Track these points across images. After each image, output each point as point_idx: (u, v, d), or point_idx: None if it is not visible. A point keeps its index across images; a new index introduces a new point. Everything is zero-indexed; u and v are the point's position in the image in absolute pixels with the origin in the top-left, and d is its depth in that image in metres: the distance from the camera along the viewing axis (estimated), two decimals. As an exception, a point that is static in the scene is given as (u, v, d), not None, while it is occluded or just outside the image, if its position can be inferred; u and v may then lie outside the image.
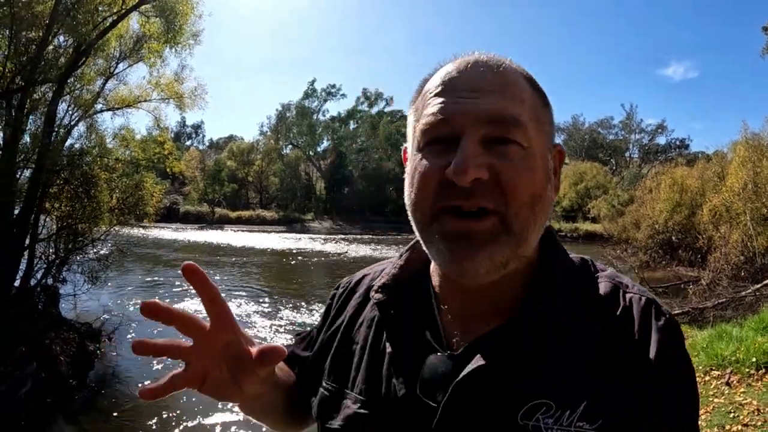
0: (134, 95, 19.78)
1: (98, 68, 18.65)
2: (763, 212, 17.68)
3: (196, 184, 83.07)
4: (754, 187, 18.16)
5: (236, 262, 34.04)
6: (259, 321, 17.66)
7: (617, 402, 0.95)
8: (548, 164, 1.06)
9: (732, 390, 7.84)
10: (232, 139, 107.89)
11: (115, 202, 16.14)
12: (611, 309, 1.07)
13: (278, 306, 19.88)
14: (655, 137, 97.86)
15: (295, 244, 49.76)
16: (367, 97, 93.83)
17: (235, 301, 20.48)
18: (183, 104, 20.61)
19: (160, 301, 1.02)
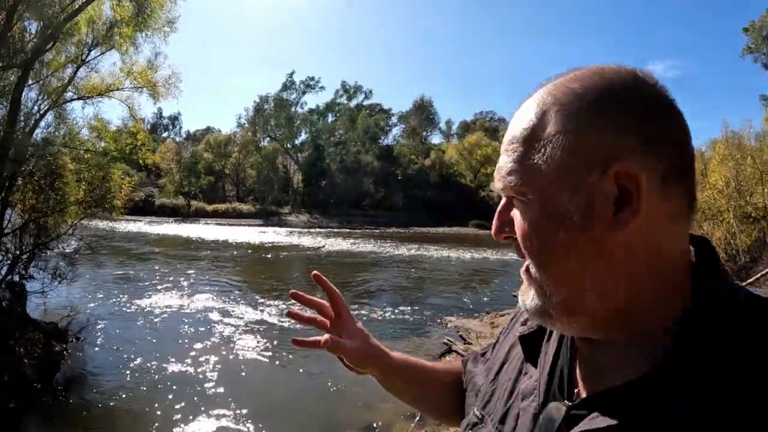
0: (106, 83, 19.06)
1: (69, 55, 17.95)
2: (747, 210, 17.54)
3: (172, 177, 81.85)
4: (737, 185, 18.04)
5: (211, 256, 33.38)
6: (231, 316, 17.02)
7: None
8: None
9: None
10: (210, 131, 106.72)
11: (82, 195, 15.37)
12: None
13: (251, 301, 19.27)
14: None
15: (271, 237, 49.21)
16: (346, 90, 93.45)
17: (208, 296, 19.95)
18: (157, 93, 19.93)
19: (303, 293, 1.56)
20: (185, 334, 14.66)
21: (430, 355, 12.97)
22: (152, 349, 13.16)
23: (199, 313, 17.02)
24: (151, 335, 14.48)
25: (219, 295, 20.17)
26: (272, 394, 10.55)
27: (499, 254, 38.12)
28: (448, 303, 20.07)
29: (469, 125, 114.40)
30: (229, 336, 14.54)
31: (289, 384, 11.22)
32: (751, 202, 17.62)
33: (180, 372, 11.53)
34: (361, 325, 1.49)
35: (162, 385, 10.78)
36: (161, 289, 20.87)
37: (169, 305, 18.05)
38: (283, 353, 13.09)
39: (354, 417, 9.59)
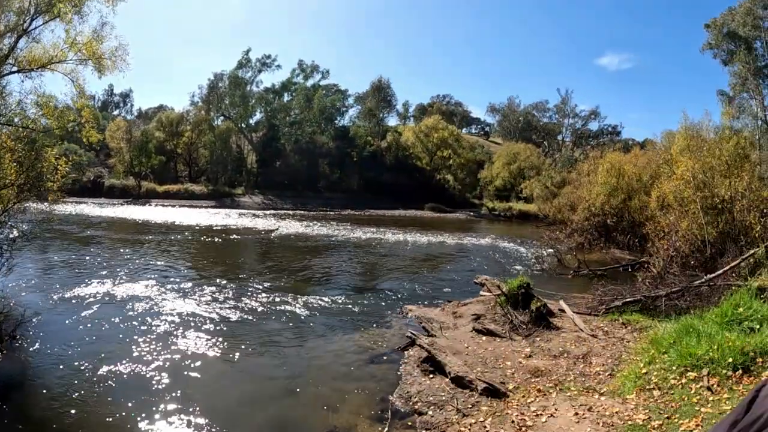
0: (49, 55, 18.03)
1: (9, 24, 16.88)
2: (714, 201, 17.59)
3: (122, 156, 79.65)
4: (703, 177, 18.07)
5: (160, 240, 32.31)
6: (180, 307, 16.13)
7: None
8: None
9: (715, 396, 7.22)
10: (163, 109, 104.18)
11: (14, 177, 14.20)
12: None
13: (201, 290, 18.38)
14: (587, 122, 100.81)
15: (223, 220, 48.29)
16: (302, 69, 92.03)
17: (155, 285, 18.96)
18: (102, 66, 18.94)
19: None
20: (131, 328, 13.76)
21: (392, 348, 12.54)
22: (96, 347, 12.23)
23: (145, 305, 16.12)
24: (95, 331, 13.52)
25: (167, 284, 19.20)
26: (225, 395, 9.89)
27: (456, 238, 38.07)
28: (407, 290, 19.61)
29: (426, 108, 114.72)
30: (179, 330, 13.72)
31: (244, 384, 10.57)
32: (716, 193, 17.65)
33: (126, 372, 10.73)
34: None
35: (107, 389, 9.94)
36: (105, 277, 19.85)
37: (114, 296, 17.10)
38: (236, 348, 12.45)
39: (313, 420, 9.05)
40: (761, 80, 50.66)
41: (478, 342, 11.96)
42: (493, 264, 26.85)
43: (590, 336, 11.75)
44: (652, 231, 19.89)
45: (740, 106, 50.55)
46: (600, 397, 7.81)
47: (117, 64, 19.16)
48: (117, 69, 19.22)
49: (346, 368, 11.36)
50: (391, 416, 8.92)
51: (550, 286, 17.90)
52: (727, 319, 9.66)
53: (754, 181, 18.36)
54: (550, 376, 9.64)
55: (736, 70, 51.65)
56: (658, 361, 8.62)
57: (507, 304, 13.33)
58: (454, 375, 9.75)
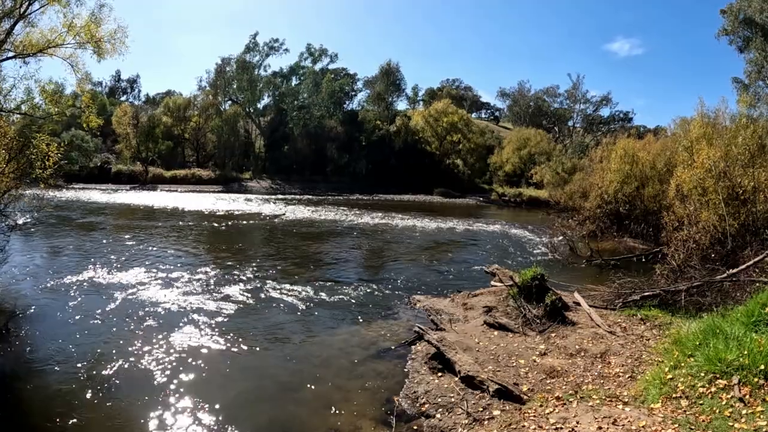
0: (47, 39, 17.64)
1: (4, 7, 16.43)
2: (736, 192, 16.97)
3: (129, 142, 79.38)
4: (724, 165, 17.45)
5: (166, 225, 32.04)
6: (181, 297, 15.79)
7: None
8: None
9: (749, 408, 6.63)
10: (171, 94, 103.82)
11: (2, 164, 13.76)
12: None
13: (204, 280, 18.03)
14: (599, 108, 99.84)
15: (230, 205, 47.92)
16: (311, 53, 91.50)
17: (157, 274, 18.62)
18: (101, 50, 18.56)
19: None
20: (128, 320, 13.41)
21: (398, 342, 12.06)
22: (92, 340, 11.87)
23: (144, 294, 15.76)
24: (92, 323, 13.13)
25: (168, 272, 18.85)
26: (225, 392, 9.45)
27: (465, 224, 37.57)
28: (415, 279, 19.16)
29: (435, 92, 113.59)
30: (178, 322, 13.34)
31: (244, 380, 10.15)
32: (738, 183, 17.03)
33: (123, 368, 10.34)
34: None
35: (104, 385, 9.56)
36: (105, 265, 19.53)
37: (113, 285, 16.72)
38: (237, 342, 12.08)
39: (315, 421, 8.59)
40: (778, 69, 49.74)
41: (489, 337, 11.44)
42: (504, 252, 26.35)
43: (608, 333, 11.18)
44: (669, 221, 19.25)
45: (756, 94, 49.67)
46: (624, 408, 7.23)
47: (117, 47, 18.81)
48: (117, 52, 18.89)
49: (351, 364, 10.94)
50: (396, 418, 8.52)
51: (562, 276, 17.41)
52: (753, 319, 9.10)
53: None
54: (567, 377, 9.12)
55: (752, 58, 50.69)
56: (684, 365, 8.04)
57: (520, 296, 12.79)
58: (465, 374, 9.26)
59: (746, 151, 17.60)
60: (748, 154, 17.56)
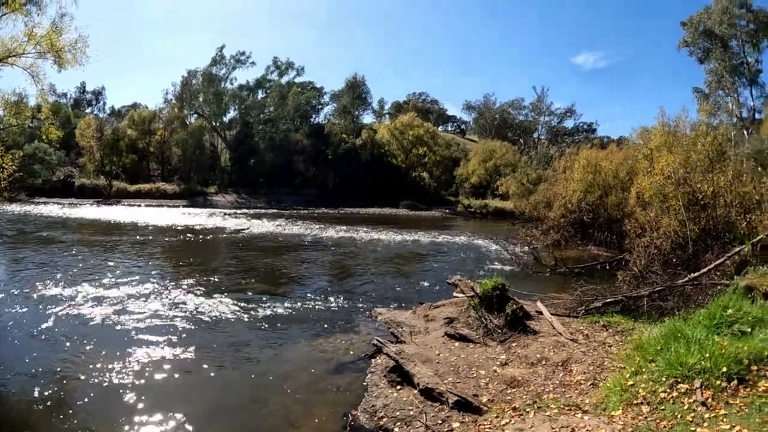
0: (6, 48, 17.19)
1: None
2: (696, 197, 17.11)
3: (92, 155, 77.86)
4: (684, 172, 17.63)
5: (128, 241, 31.31)
6: (141, 312, 15.27)
7: None
8: None
9: (711, 412, 6.46)
10: (136, 107, 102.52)
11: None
12: None
13: (163, 294, 17.53)
14: (563, 120, 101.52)
15: (194, 219, 47.21)
16: (277, 66, 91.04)
17: (126, 283, 18.36)
18: (62, 59, 18.13)
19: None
20: (91, 334, 12.95)
21: (358, 355, 11.77)
22: (48, 358, 11.34)
23: (106, 309, 15.25)
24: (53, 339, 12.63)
25: (129, 287, 18.30)
26: (184, 407, 9.08)
27: (431, 236, 37.49)
28: (377, 292, 18.92)
29: (401, 106, 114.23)
30: (139, 336, 12.94)
31: (203, 394, 9.87)
32: (698, 189, 17.19)
33: (83, 386, 9.90)
34: None
35: (63, 405, 9.16)
36: (65, 281, 18.89)
37: (73, 301, 16.15)
38: (197, 356, 11.73)
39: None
40: (737, 78, 51.13)
41: (450, 348, 11.17)
42: (469, 263, 26.20)
43: (570, 340, 11.00)
44: (631, 228, 19.36)
45: (716, 103, 50.98)
46: (583, 416, 6.99)
47: (78, 58, 18.39)
48: (78, 63, 18.47)
49: (311, 378, 10.65)
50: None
51: (526, 286, 17.30)
52: (715, 321, 9.02)
53: (737, 176, 17.93)
54: (528, 386, 8.88)
55: (712, 68, 52.19)
56: (645, 370, 7.87)
57: (481, 306, 12.55)
58: (423, 386, 8.99)
59: (706, 157, 17.80)
60: (707, 161, 17.76)
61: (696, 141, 18.70)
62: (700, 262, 14.79)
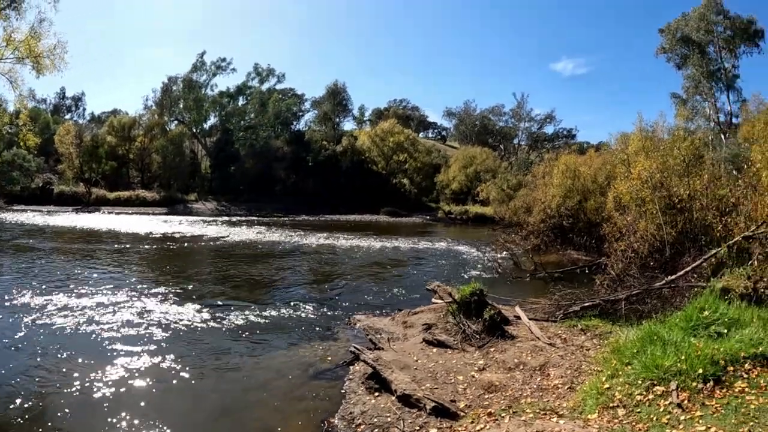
0: (-17, 54, 16.96)
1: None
2: (673, 201, 17.26)
3: (71, 162, 77.09)
4: (661, 176, 17.81)
5: (106, 249, 30.83)
6: (120, 316, 15.12)
7: None
8: None
9: (687, 414, 6.46)
10: (116, 113, 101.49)
11: None
12: None
13: (142, 300, 17.41)
14: (543, 126, 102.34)
15: (174, 227, 46.73)
16: (258, 73, 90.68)
17: (103, 292, 18.10)
18: (41, 65, 17.98)
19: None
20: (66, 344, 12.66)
21: (337, 363, 11.66)
22: (23, 368, 11.10)
23: (80, 320, 14.88)
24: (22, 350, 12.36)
25: (106, 296, 17.95)
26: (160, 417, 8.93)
27: (411, 243, 37.49)
28: (356, 299, 18.83)
29: (382, 112, 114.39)
30: (115, 346, 12.66)
31: (180, 403, 9.71)
32: (675, 192, 17.35)
33: (63, 395, 9.70)
34: None
35: (46, 414, 9.02)
36: (42, 289, 18.52)
37: (49, 309, 15.78)
38: (174, 365, 11.50)
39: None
40: (714, 83, 51.89)
41: (428, 354, 11.10)
42: (448, 269, 26.18)
43: (548, 344, 10.99)
44: (609, 232, 19.48)
45: (693, 109, 51.67)
46: (559, 420, 6.96)
47: (56, 63, 18.22)
48: (56, 68, 18.32)
49: (288, 386, 10.52)
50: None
51: (506, 291, 17.35)
52: (692, 323, 9.08)
53: (713, 179, 18.11)
54: (505, 391, 8.84)
55: (689, 74, 52.91)
56: (622, 373, 7.87)
57: (459, 312, 12.52)
58: (401, 393, 8.90)
59: (682, 161, 17.96)
60: (683, 165, 17.91)
61: (673, 146, 18.88)
62: (678, 264, 14.88)
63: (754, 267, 12.58)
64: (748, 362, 7.58)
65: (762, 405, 6.48)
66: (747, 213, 15.45)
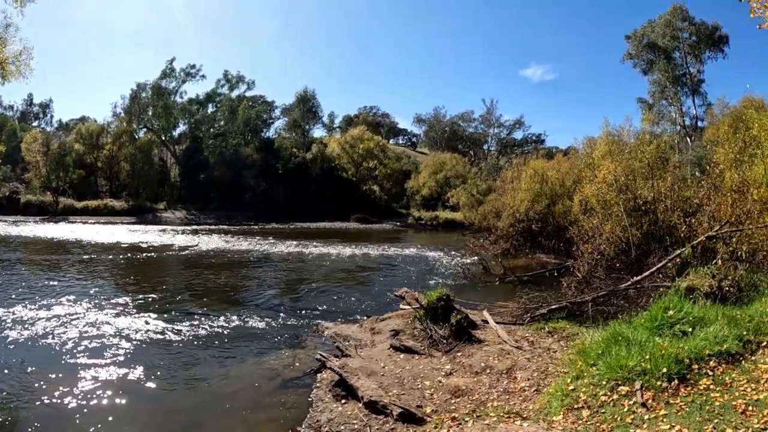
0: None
1: None
2: (637, 203, 17.47)
3: (38, 171, 75.49)
4: (626, 179, 18.09)
5: (75, 259, 30.23)
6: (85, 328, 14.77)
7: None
8: None
9: (651, 413, 6.45)
10: (84, 120, 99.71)
11: None
12: None
13: (108, 310, 17.06)
14: (512, 131, 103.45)
15: (143, 237, 46.00)
16: (228, 80, 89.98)
17: (69, 303, 17.76)
18: (5, 72, 17.53)
19: None
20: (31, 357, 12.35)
21: (304, 371, 11.50)
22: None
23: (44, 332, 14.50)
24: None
25: (72, 307, 17.51)
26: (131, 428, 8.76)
27: (380, 249, 37.44)
28: (325, 306, 18.67)
29: (352, 119, 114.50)
30: (81, 358, 12.34)
31: (147, 416, 9.48)
32: (640, 195, 17.54)
33: (30, 409, 9.44)
34: None
35: (13, 430, 8.82)
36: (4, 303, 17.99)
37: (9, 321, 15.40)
38: (141, 377, 11.27)
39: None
40: (679, 88, 52.98)
41: (395, 360, 11.01)
42: (418, 274, 26.21)
43: (515, 348, 10.97)
44: (576, 235, 19.61)
45: (659, 113, 52.69)
46: (522, 423, 6.91)
47: (21, 70, 17.77)
48: (22, 75, 17.87)
49: (256, 395, 10.38)
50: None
51: (475, 296, 17.35)
52: (657, 323, 9.17)
53: (677, 181, 18.46)
54: (472, 395, 8.79)
55: (655, 79, 54.06)
56: (587, 374, 7.86)
57: (426, 317, 12.48)
58: (368, 400, 8.81)
59: (647, 164, 18.17)
60: (648, 168, 18.12)
61: (638, 149, 19.11)
62: (643, 265, 15.00)
63: (718, 266, 12.74)
64: (713, 360, 7.67)
65: (727, 402, 6.51)
66: (711, 213, 15.62)
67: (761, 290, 11.67)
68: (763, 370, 7.33)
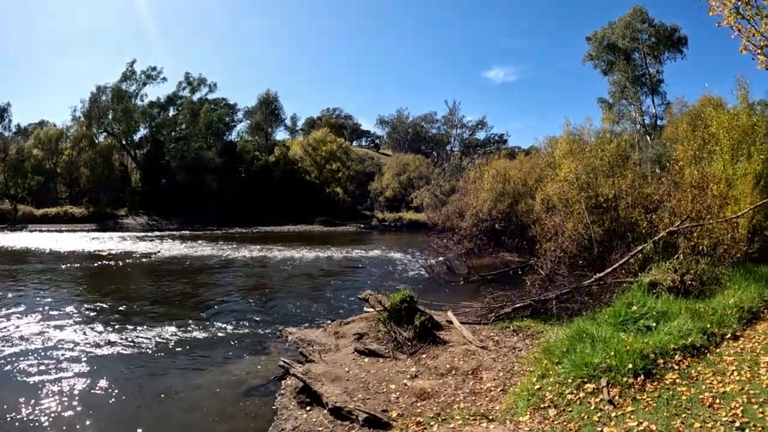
0: None
1: None
2: (599, 201, 17.61)
3: (-6, 177, 73.00)
4: (587, 177, 18.27)
5: (32, 269, 29.31)
6: (39, 338, 14.34)
7: None
8: None
9: (618, 410, 6.40)
10: (43, 125, 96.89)
11: None
12: None
13: (65, 320, 16.60)
14: (475, 132, 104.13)
15: (103, 244, 44.90)
16: (189, 82, 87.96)
17: (24, 313, 17.35)
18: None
19: None
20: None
21: (268, 378, 11.27)
22: None
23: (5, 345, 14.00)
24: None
25: (26, 318, 17.01)
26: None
27: (344, 252, 37.29)
28: (289, 311, 18.43)
29: (315, 122, 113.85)
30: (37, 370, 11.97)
31: (110, 429, 9.20)
32: (601, 192, 17.68)
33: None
34: None
35: None
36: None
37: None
38: (100, 389, 10.93)
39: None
40: (639, 88, 54.05)
41: (360, 364, 10.83)
42: (382, 276, 26.12)
43: (480, 348, 10.88)
44: (539, 233, 19.72)
45: (620, 112, 53.66)
46: (489, 425, 6.81)
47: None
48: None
49: (220, 405, 10.12)
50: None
51: (439, 296, 17.32)
52: (621, 319, 9.24)
53: (638, 178, 18.71)
54: (438, 397, 8.67)
55: (615, 79, 55.06)
56: (552, 373, 7.80)
57: (390, 320, 12.33)
58: (332, 406, 8.66)
59: (607, 162, 18.34)
60: (609, 166, 18.29)
61: (599, 147, 19.29)
62: (606, 262, 15.10)
63: (680, 260, 12.91)
64: (678, 354, 7.71)
65: (694, 396, 6.53)
66: (671, 209, 15.84)
67: (723, 283, 11.84)
68: (728, 362, 7.38)
